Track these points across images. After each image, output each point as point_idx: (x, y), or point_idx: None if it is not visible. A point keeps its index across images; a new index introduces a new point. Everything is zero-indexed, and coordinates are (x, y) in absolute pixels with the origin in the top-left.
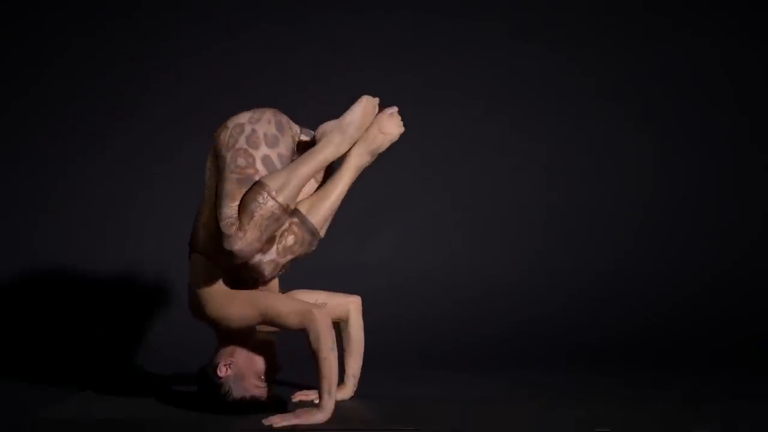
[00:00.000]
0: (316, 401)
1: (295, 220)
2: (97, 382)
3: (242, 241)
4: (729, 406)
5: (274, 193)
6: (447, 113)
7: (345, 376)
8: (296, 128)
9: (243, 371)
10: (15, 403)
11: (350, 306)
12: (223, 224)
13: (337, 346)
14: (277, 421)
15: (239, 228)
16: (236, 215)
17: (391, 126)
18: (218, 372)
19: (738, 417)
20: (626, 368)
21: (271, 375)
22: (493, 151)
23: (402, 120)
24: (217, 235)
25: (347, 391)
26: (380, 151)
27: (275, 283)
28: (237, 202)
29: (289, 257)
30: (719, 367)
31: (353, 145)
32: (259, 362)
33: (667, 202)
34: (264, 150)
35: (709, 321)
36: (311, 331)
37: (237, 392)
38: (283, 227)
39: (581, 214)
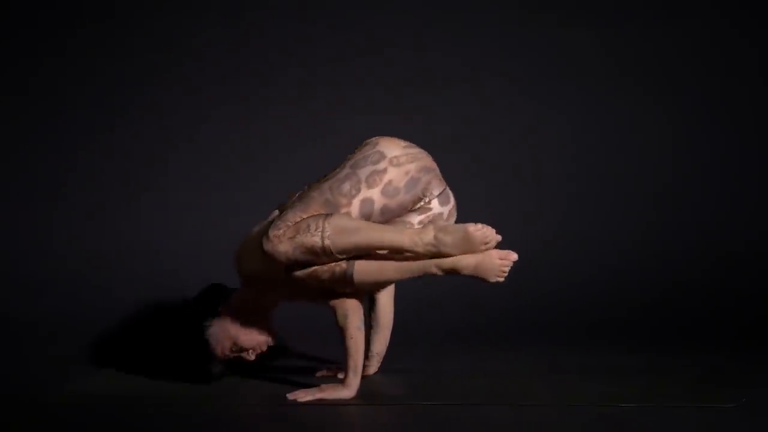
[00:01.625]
0: (340, 376)
1: (344, 265)
2: (119, 361)
3: (273, 248)
4: (753, 380)
5: (328, 232)
6: (474, 88)
7: (369, 352)
8: (433, 191)
9: (228, 332)
10: (38, 380)
11: None
12: (275, 222)
13: (366, 323)
14: (302, 395)
15: (279, 234)
16: (292, 224)
17: (492, 269)
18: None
19: (762, 392)
20: (650, 343)
21: (248, 357)
22: (520, 125)
23: (428, 98)
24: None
25: (371, 368)
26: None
27: None
28: (306, 216)
29: (313, 284)
30: (744, 341)
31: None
32: (244, 336)
33: (695, 175)
34: (374, 193)
35: (735, 295)
36: (339, 309)
37: (213, 338)
38: (333, 264)
39: (605, 189)
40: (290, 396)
